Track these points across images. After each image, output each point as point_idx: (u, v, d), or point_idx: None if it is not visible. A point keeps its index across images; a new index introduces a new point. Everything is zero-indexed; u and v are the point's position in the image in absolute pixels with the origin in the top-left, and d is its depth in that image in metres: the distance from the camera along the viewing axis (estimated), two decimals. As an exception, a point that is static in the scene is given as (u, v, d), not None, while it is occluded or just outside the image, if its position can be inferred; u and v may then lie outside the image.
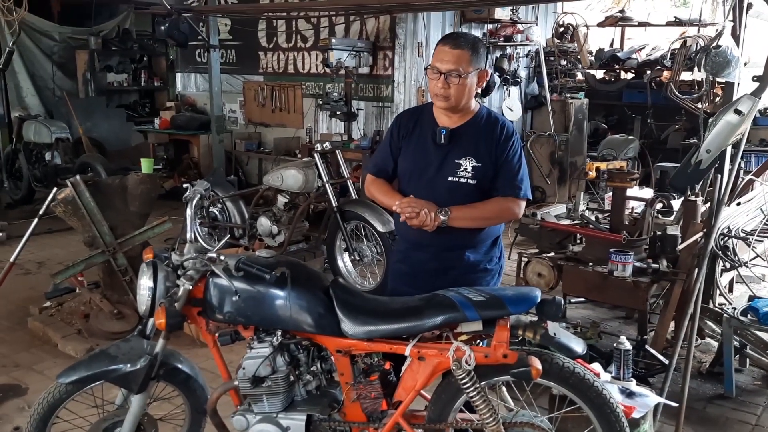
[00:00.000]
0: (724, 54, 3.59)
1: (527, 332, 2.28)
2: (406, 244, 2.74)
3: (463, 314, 2.26)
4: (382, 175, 2.75)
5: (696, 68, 3.82)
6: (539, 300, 2.28)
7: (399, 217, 2.58)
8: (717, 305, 4.29)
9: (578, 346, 2.30)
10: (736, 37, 3.64)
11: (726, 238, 3.92)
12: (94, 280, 4.71)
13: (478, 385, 2.27)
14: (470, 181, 2.54)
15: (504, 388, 2.66)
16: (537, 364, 2.19)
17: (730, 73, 3.63)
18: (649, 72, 9.73)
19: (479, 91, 4.94)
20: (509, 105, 8.71)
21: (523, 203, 2.63)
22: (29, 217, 6.51)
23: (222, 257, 2.38)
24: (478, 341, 2.36)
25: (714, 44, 3.61)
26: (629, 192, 4.49)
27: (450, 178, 2.55)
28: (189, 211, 2.62)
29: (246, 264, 2.35)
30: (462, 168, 2.53)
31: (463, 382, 2.27)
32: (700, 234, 3.82)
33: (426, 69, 2.57)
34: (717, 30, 9.12)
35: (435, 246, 2.62)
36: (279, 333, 2.45)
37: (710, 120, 3.70)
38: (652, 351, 3.80)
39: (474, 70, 2.48)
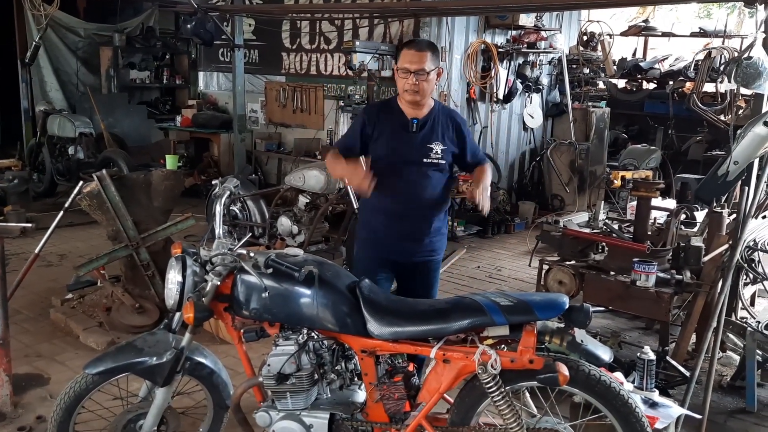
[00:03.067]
0: (755, 65, 3.57)
1: (554, 338, 2.28)
2: (383, 216, 3.11)
3: (490, 318, 2.26)
4: (347, 154, 3.13)
5: (726, 79, 3.79)
6: (567, 307, 2.27)
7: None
8: (739, 319, 4.26)
9: (605, 354, 2.29)
10: (767, 48, 3.62)
11: (752, 251, 3.89)
12: (115, 274, 4.75)
13: (503, 390, 2.27)
14: (441, 161, 3.04)
15: (527, 394, 2.65)
16: (564, 370, 2.19)
17: (760, 84, 3.61)
18: (671, 83, 9.69)
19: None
20: (530, 112, 8.69)
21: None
22: (51, 210, 6.58)
23: (252, 254, 2.39)
24: (503, 346, 2.36)
25: (745, 55, 3.59)
26: (652, 202, 4.46)
27: (425, 160, 3.02)
28: (219, 207, 2.64)
29: (275, 261, 2.37)
30: (433, 151, 3.02)
31: (488, 386, 2.27)
32: (726, 246, 3.79)
33: (395, 70, 3.03)
34: (744, 41, 9.05)
35: (411, 216, 3.07)
36: (305, 331, 2.46)
37: (738, 132, 3.68)
38: (673, 363, 3.77)
39: (435, 68, 2.97)
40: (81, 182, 4.42)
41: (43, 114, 8.30)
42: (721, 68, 7.00)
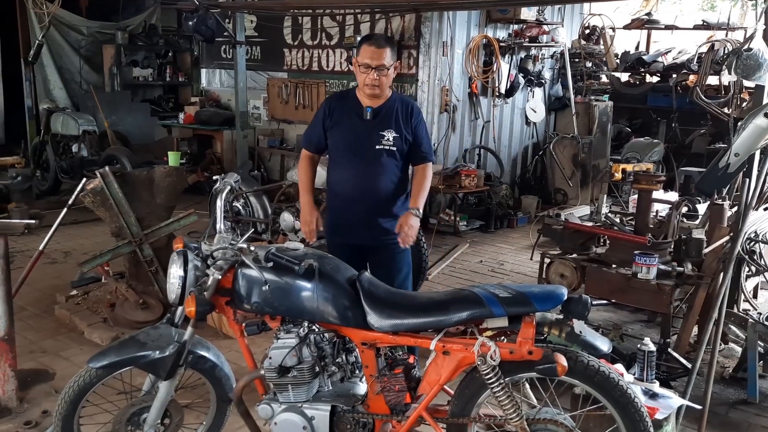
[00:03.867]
0: (756, 57, 3.56)
1: (553, 330, 2.29)
2: (343, 203, 3.32)
3: (489, 310, 2.28)
4: (313, 149, 3.41)
5: (726, 71, 3.78)
6: (565, 298, 2.29)
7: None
8: (741, 310, 4.26)
9: (604, 344, 2.31)
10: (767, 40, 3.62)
11: (753, 242, 3.89)
12: (119, 270, 4.78)
13: (502, 381, 2.29)
14: (392, 148, 3.22)
15: (527, 386, 2.66)
16: (563, 360, 2.20)
17: (761, 76, 3.61)
18: (674, 76, 9.65)
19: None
20: (532, 106, 8.69)
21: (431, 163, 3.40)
22: (55, 207, 6.62)
23: (252, 248, 2.41)
24: (502, 337, 2.37)
25: (745, 47, 3.58)
26: (654, 195, 4.46)
27: (377, 147, 3.21)
28: (219, 203, 2.66)
29: (276, 255, 2.38)
30: (385, 138, 3.21)
31: (487, 377, 2.29)
32: (727, 238, 3.79)
33: (356, 65, 3.17)
34: (747, 33, 9.03)
35: (368, 201, 3.24)
36: (306, 324, 2.48)
37: (739, 123, 3.68)
38: (675, 354, 3.78)
39: (393, 63, 3.15)
40: (84, 179, 4.45)
41: (46, 112, 8.33)
42: (722, 60, 6.96)
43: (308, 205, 3.40)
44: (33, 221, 3.16)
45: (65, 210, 4.54)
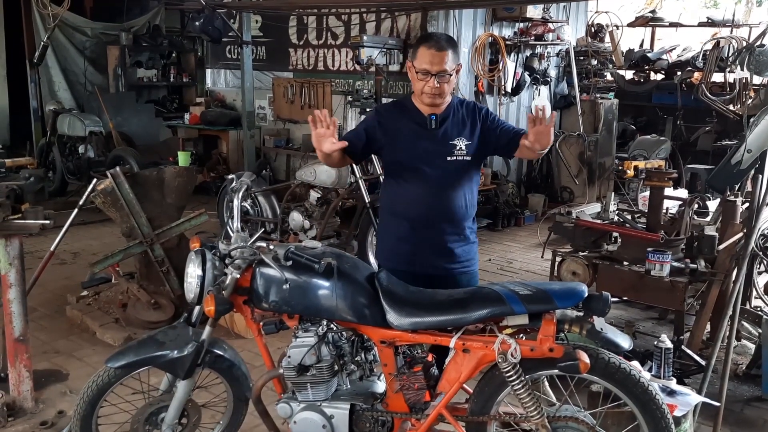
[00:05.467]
0: (768, 53, 3.57)
1: (573, 327, 2.29)
2: (407, 224, 2.83)
3: (510, 308, 2.27)
4: (349, 148, 2.77)
5: (739, 68, 3.78)
6: (586, 295, 2.28)
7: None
8: (753, 307, 4.25)
9: (625, 341, 2.30)
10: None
11: (766, 239, 3.88)
12: (129, 270, 4.78)
13: (523, 378, 2.29)
14: (466, 158, 2.79)
15: (546, 383, 2.66)
16: (585, 358, 2.20)
17: (774, 72, 3.61)
18: (679, 73, 9.63)
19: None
20: (538, 104, 8.65)
21: None
22: (63, 208, 6.61)
23: (271, 246, 2.41)
24: (521, 335, 2.37)
25: (758, 43, 3.58)
26: (664, 192, 4.44)
27: (449, 158, 2.77)
28: (236, 201, 2.66)
29: (295, 254, 2.38)
30: (458, 148, 2.78)
31: (508, 375, 2.28)
32: (740, 235, 3.78)
33: (410, 68, 2.75)
34: (752, 30, 8.99)
35: (439, 222, 2.79)
36: (324, 323, 2.47)
37: (752, 120, 3.68)
38: (689, 352, 3.77)
39: (456, 66, 2.73)
40: (95, 180, 4.45)
41: (52, 113, 8.35)
42: (731, 57, 6.95)
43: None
44: (48, 221, 3.16)
45: (76, 210, 4.54)
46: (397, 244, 2.88)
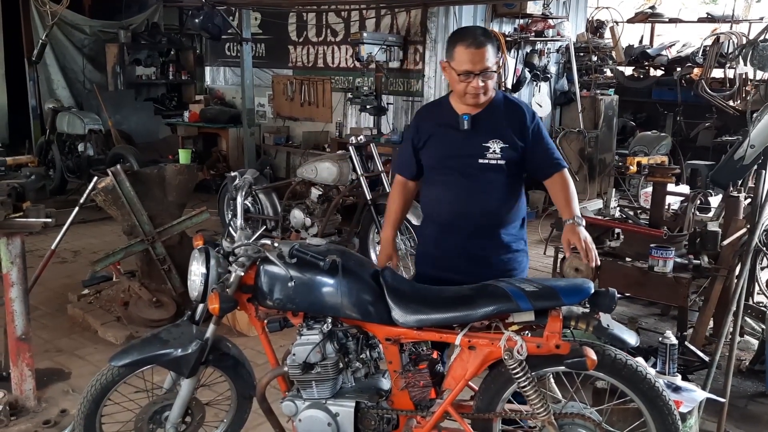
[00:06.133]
0: (772, 48, 3.55)
1: (580, 323, 2.28)
2: (436, 228, 2.78)
3: (516, 304, 2.26)
4: (406, 174, 2.86)
5: (741, 63, 3.77)
6: (593, 291, 2.27)
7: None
8: (756, 303, 4.25)
9: (631, 338, 2.30)
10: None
11: (770, 234, 3.87)
12: (130, 269, 4.77)
13: (529, 375, 2.27)
14: (500, 162, 2.63)
15: (552, 380, 2.65)
16: (592, 354, 2.19)
17: (777, 67, 3.60)
18: (679, 69, 9.63)
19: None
20: (538, 101, 8.65)
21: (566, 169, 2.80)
22: (62, 207, 6.58)
23: (276, 244, 2.40)
24: (527, 331, 2.36)
25: (761, 38, 3.57)
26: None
27: (481, 161, 2.64)
28: (239, 199, 2.64)
29: (300, 251, 2.37)
30: (491, 150, 2.62)
31: (514, 372, 2.27)
32: (744, 230, 3.78)
33: (448, 70, 2.61)
34: (752, 26, 8.97)
35: (468, 228, 2.69)
36: (329, 320, 2.46)
37: (755, 115, 3.67)
38: (692, 348, 3.77)
39: (497, 60, 2.61)
40: (96, 178, 4.44)
41: (51, 111, 8.31)
42: (736, 52, 6.94)
43: (386, 242, 2.88)
44: (50, 219, 3.15)
45: (77, 209, 4.52)
46: (426, 245, 2.85)
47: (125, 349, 2.59)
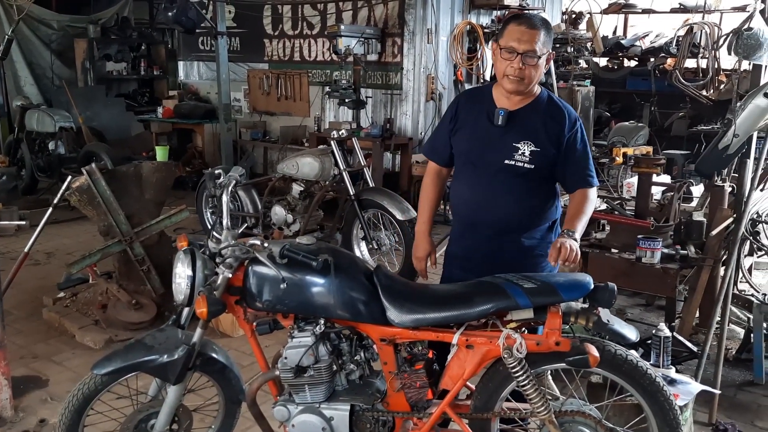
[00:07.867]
0: (756, 36, 3.54)
1: (579, 319, 2.23)
2: (460, 226, 2.73)
3: (514, 301, 2.21)
4: (437, 159, 2.76)
5: (727, 51, 3.76)
6: (592, 286, 2.23)
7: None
8: (739, 290, 4.27)
9: (631, 333, 2.26)
10: (767, 19, 3.60)
11: (755, 223, 3.89)
12: (107, 270, 4.63)
13: (529, 374, 2.23)
14: (527, 166, 2.50)
15: (550, 377, 2.61)
16: (594, 351, 2.14)
17: (761, 56, 3.59)
18: (652, 59, 9.71)
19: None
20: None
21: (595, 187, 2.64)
22: (34, 207, 6.41)
23: (266, 244, 2.31)
24: (524, 329, 2.31)
25: (745, 26, 3.56)
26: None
27: (506, 161, 2.51)
28: (225, 198, 2.55)
29: (291, 251, 2.29)
30: (519, 152, 2.50)
31: (513, 370, 2.22)
32: (731, 220, 3.78)
33: (495, 50, 2.50)
34: (723, 16, 9.04)
35: (490, 228, 2.60)
36: (321, 321, 2.38)
37: (738, 104, 3.66)
38: (681, 338, 3.77)
39: (547, 52, 2.46)
40: (69, 177, 4.29)
41: (20, 109, 8.09)
42: (720, 41, 6.98)
43: (422, 235, 2.77)
44: (23, 222, 3.02)
45: (50, 209, 4.37)
46: (451, 246, 2.75)
47: (108, 356, 2.48)
